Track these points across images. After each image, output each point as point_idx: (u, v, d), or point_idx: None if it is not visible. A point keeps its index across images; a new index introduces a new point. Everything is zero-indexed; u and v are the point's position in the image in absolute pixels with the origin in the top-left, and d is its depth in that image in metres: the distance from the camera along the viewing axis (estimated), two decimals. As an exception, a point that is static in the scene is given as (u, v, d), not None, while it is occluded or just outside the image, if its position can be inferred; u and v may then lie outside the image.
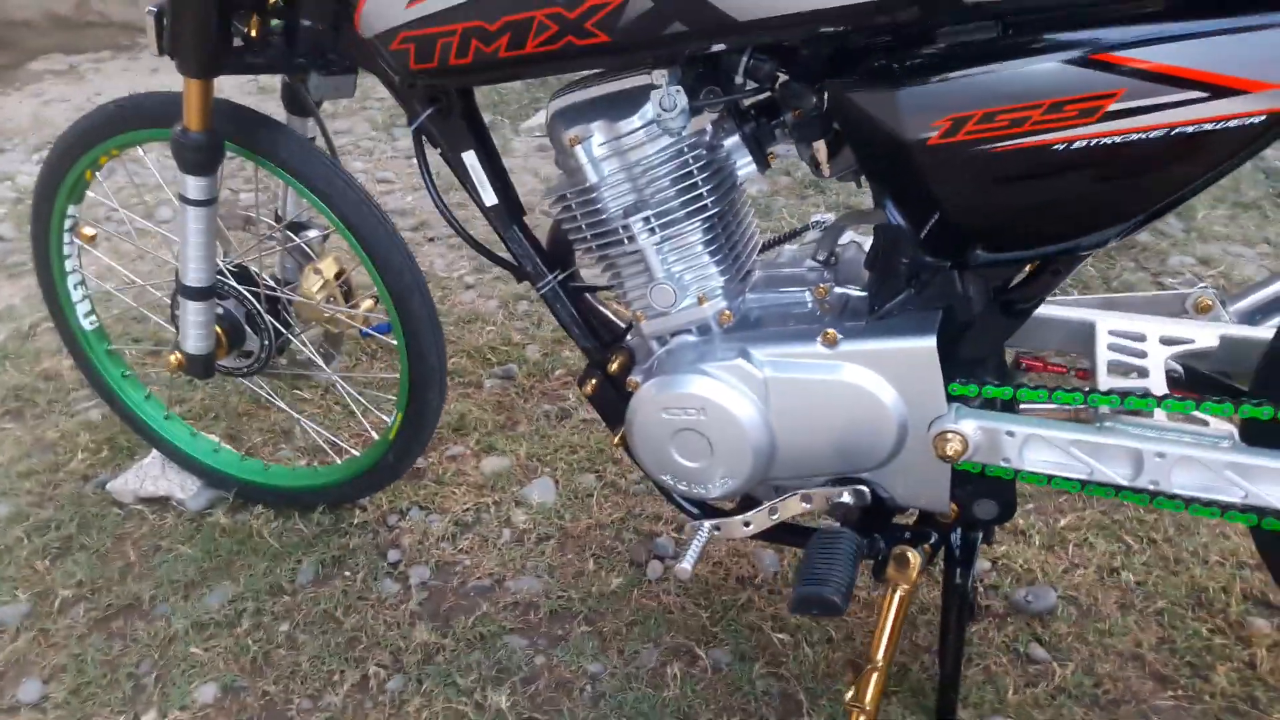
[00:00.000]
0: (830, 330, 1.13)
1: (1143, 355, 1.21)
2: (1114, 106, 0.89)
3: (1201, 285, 1.31)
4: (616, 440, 1.34)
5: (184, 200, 1.38)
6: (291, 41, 1.32)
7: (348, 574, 1.63)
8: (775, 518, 1.24)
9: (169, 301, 1.56)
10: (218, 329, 1.54)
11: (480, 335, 2.24)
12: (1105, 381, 1.16)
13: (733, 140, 1.19)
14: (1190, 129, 0.88)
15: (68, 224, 1.63)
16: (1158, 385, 1.15)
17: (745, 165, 1.20)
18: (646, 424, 1.21)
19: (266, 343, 1.59)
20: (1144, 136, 0.89)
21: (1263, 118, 0.86)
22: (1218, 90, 0.86)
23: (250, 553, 1.67)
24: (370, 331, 1.64)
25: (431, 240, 2.72)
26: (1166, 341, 1.23)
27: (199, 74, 1.29)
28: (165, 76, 4.04)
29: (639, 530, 1.69)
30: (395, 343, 1.52)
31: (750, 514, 1.25)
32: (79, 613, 1.58)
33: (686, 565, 1.21)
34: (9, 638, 1.54)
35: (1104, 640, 1.45)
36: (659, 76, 1.10)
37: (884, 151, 1.01)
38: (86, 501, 1.80)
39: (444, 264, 2.60)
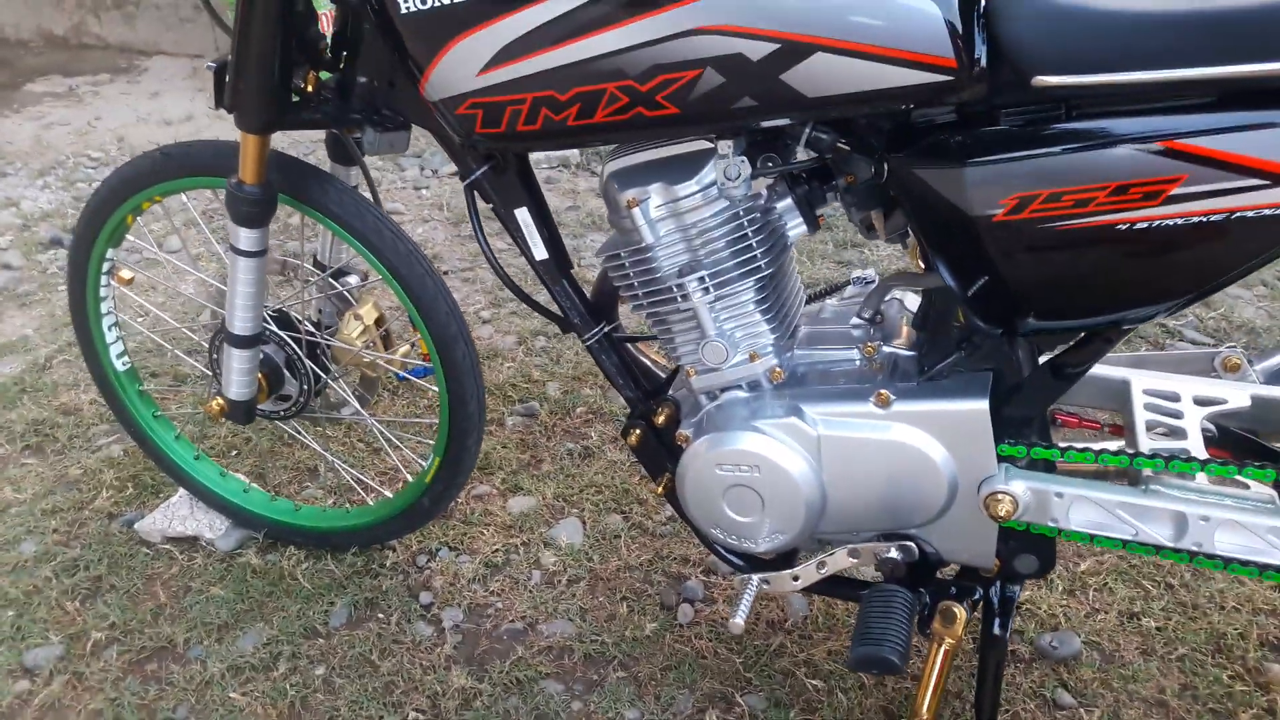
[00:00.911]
0: (884, 391, 1.16)
1: (1179, 416, 1.25)
2: (1177, 191, 0.93)
3: (1230, 345, 1.35)
4: (660, 490, 1.37)
5: (235, 251, 1.39)
6: (347, 96, 1.34)
7: (381, 616, 1.64)
8: (824, 572, 1.27)
9: (186, 332, 1.57)
10: (259, 375, 1.55)
11: (500, 372, 2.26)
12: (1145, 442, 1.20)
13: (785, 203, 1.22)
14: (1250, 214, 0.92)
15: (105, 267, 1.64)
16: (1197, 447, 1.19)
17: (796, 226, 1.24)
18: (699, 478, 1.24)
19: (305, 387, 1.60)
20: (1205, 220, 0.93)
21: (1320, 205, 0.91)
22: (1276, 179, 0.90)
23: (282, 594, 1.68)
24: (407, 375, 1.65)
25: (447, 274, 2.74)
26: (1200, 402, 1.27)
27: (259, 130, 1.31)
28: (167, 100, 4.05)
29: (667, 573, 1.72)
30: (434, 387, 1.54)
31: (799, 568, 1.28)
32: (112, 655, 1.58)
33: (739, 620, 1.24)
34: (43, 681, 1.54)
35: (1128, 686, 1.49)
36: (724, 147, 1.14)
37: (945, 224, 1.05)
38: (114, 541, 1.80)
39: (460, 297, 2.62)
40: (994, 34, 0.97)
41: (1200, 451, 1.19)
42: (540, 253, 1.35)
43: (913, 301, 1.32)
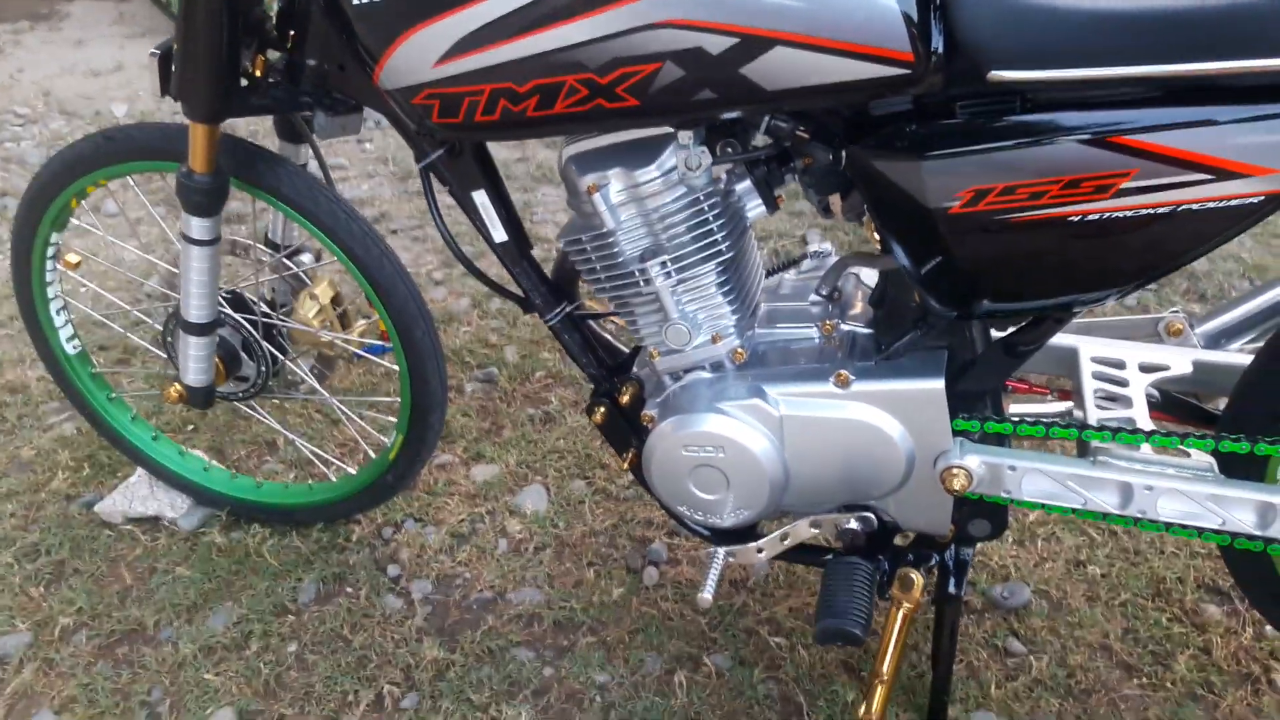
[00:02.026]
0: (843, 371, 1.19)
1: (1124, 384, 1.30)
2: (1127, 184, 0.96)
3: (1173, 310, 1.40)
4: (626, 465, 1.40)
5: (187, 240, 1.37)
6: (296, 80, 1.31)
7: (350, 590, 1.66)
8: (787, 543, 1.31)
9: (137, 313, 1.55)
10: (216, 359, 1.54)
11: (456, 336, 2.26)
12: (1094, 413, 1.25)
13: (744, 184, 1.23)
14: (1195, 206, 0.95)
15: (50, 252, 1.60)
16: (1141, 415, 1.24)
17: (755, 207, 1.25)
18: (665, 460, 1.26)
19: (263, 369, 1.59)
20: (1153, 212, 0.97)
21: (1261, 198, 0.94)
22: (1222, 173, 0.93)
23: (249, 572, 1.69)
24: (365, 354, 1.65)
25: (395, 233, 2.71)
26: (1145, 368, 1.32)
27: (208, 119, 1.28)
28: (93, 50, 3.90)
29: (632, 536, 1.75)
30: (394, 366, 1.54)
31: (763, 541, 1.32)
32: (82, 640, 1.58)
33: (707, 595, 1.28)
34: (14, 669, 1.54)
35: (1075, 633, 1.57)
36: (684, 136, 1.14)
37: (902, 212, 1.07)
38: (74, 523, 1.79)
39: (410, 258, 2.60)
40: (950, 27, 0.98)
41: (1145, 419, 1.24)
42: (499, 235, 1.34)
43: (870, 276, 1.35)
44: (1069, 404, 1.37)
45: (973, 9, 0.96)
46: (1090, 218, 0.98)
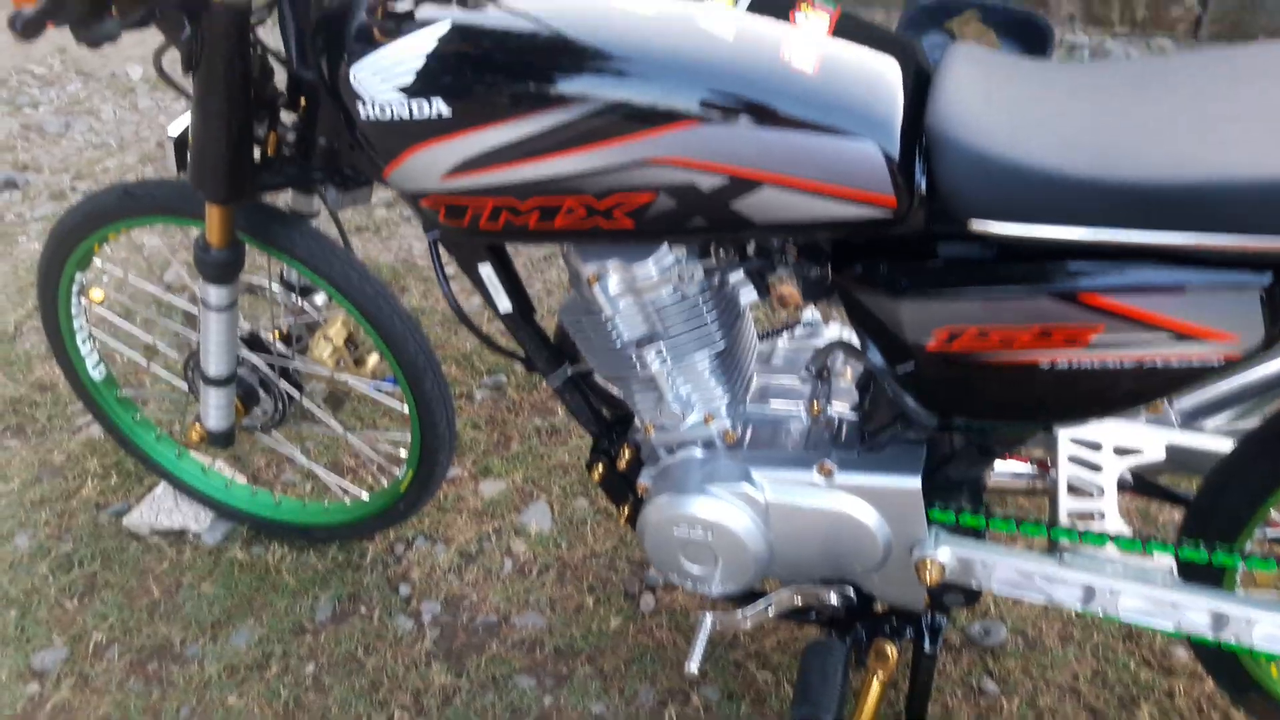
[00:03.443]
0: (826, 463, 1.25)
1: (1098, 469, 1.35)
2: (1095, 338, 1.00)
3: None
4: (623, 520, 1.47)
5: (206, 306, 1.43)
6: (308, 156, 1.35)
7: (363, 610, 1.77)
8: (771, 613, 1.39)
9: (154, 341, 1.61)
10: (235, 400, 1.61)
11: (467, 339, 2.32)
12: (1065, 501, 1.31)
13: (737, 275, 1.28)
14: (1158, 363, 1.00)
15: (75, 289, 1.66)
16: (1111, 506, 1.30)
17: (748, 294, 1.29)
18: (657, 534, 1.34)
19: (280, 405, 1.66)
20: (1118, 364, 1.01)
21: (1220, 361, 0.98)
22: (1185, 336, 0.97)
23: (269, 589, 1.79)
24: (378, 388, 1.71)
25: (409, 219, 2.75)
26: (1120, 451, 1.37)
27: (224, 202, 1.33)
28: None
29: (631, 559, 1.84)
30: (403, 405, 1.61)
31: (749, 610, 1.40)
32: (114, 656, 1.69)
33: (694, 666, 1.36)
34: (52, 684, 1.65)
35: (1046, 674, 1.65)
36: (678, 252, 1.18)
37: (882, 339, 1.12)
38: (104, 534, 1.89)
39: (422, 249, 2.65)
40: (933, 175, 1.01)
41: (1114, 511, 1.30)
42: (504, 305, 1.39)
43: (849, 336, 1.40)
44: (1044, 474, 1.43)
45: (955, 162, 0.99)
46: (1060, 365, 1.03)
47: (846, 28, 1.09)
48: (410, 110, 1.08)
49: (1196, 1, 3.16)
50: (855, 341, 1.33)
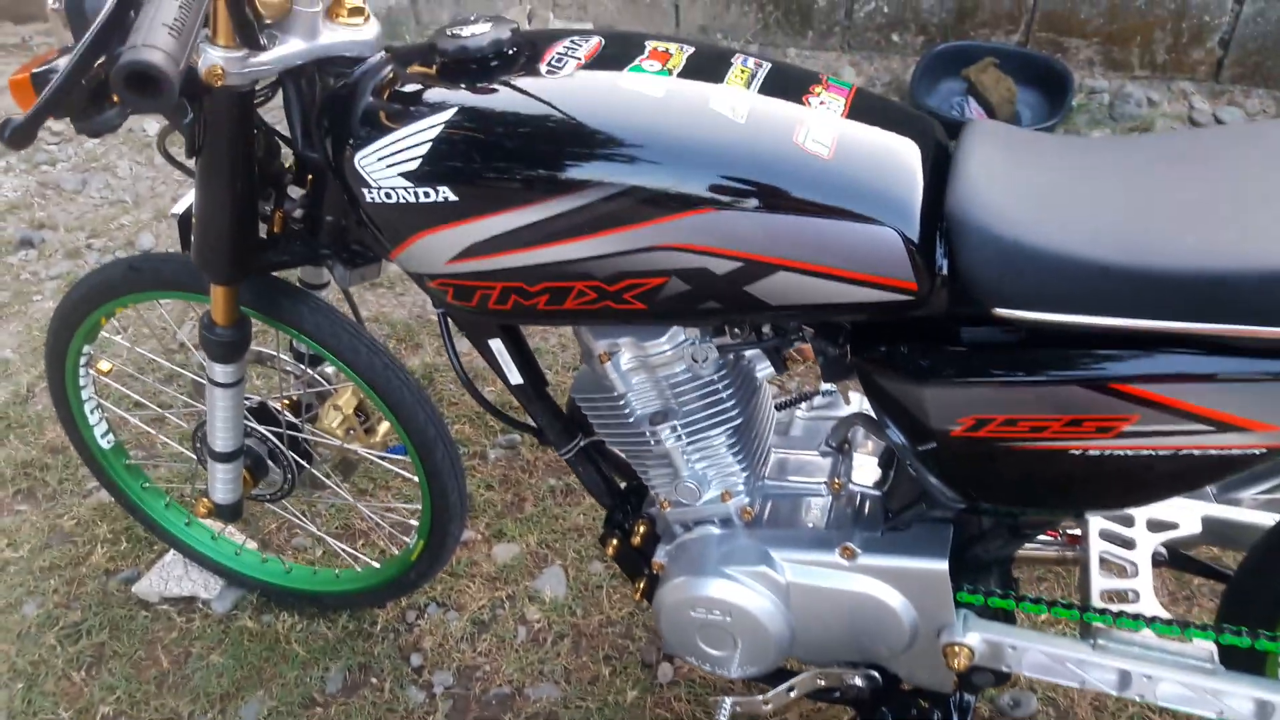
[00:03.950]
0: (849, 545, 1.21)
1: (1131, 545, 1.30)
2: (1129, 428, 0.96)
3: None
4: (638, 596, 1.43)
5: (212, 383, 1.41)
6: (315, 233, 1.33)
7: (374, 681, 1.73)
8: (793, 694, 1.35)
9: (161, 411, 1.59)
10: (243, 469, 1.58)
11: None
12: (1098, 581, 1.26)
13: (754, 351, 1.24)
14: (1196, 453, 0.96)
15: (83, 360, 1.65)
16: (1146, 585, 1.25)
17: (764, 369, 1.26)
18: (673, 616, 1.30)
19: (289, 476, 1.64)
20: (1153, 454, 0.97)
21: (1262, 450, 0.94)
22: (1224, 426, 0.93)
23: (279, 659, 1.76)
24: (388, 456, 1.69)
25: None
26: (1154, 526, 1.32)
27: (228, 282, 1.31)
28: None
29: (647, 626, 1.80)
30: (411, 471, 1.58)
31: (770, 694, 1.35)
32: (122, 731, 1.66)
33: (715, 755, 1.32)
34: (58, 763, 1.62)
35: (1079, 748, 1.60)
36: (691, 333, 1.15)
37: (905, 423, 1.08)
38: (113, 601, 1.86)
39: (424, 301, 2.62)
40: (955, 260, 0.98)
41: (1149, 590, 1.25)
42: (515, 378, 1.36)
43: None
44: (1075, 549, 1.38)
45: (978, 248, 0.96)
46: (1092, 453, 0.99)
47: (863, 107, 1.06)
48: (416, 197, 1.06)
49: (1218, 44, 3.13)
50: (876, 415, 1.29)
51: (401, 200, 1.07)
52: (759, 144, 0.99)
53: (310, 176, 1.31)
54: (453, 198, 1.05)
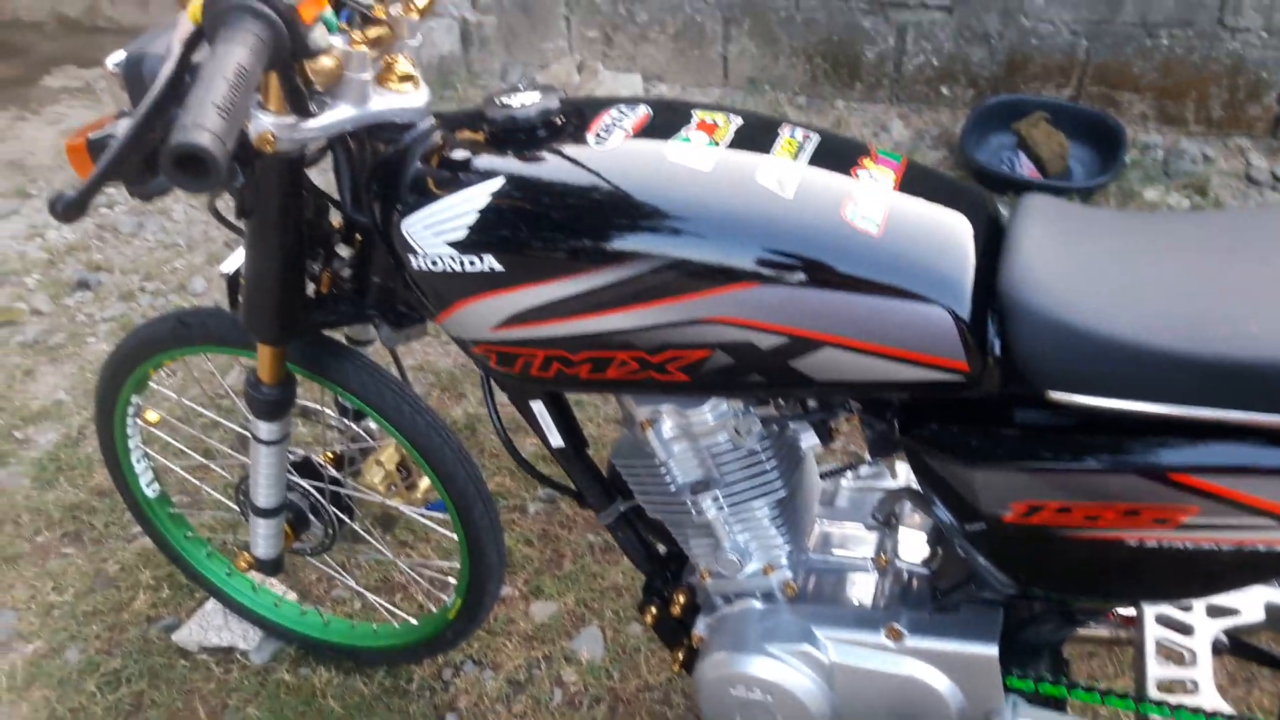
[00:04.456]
0: (895, 625, 1.18)
1: (1189, 631, 1.26)
2: (1189, 520, 0.93)
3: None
4: (677, 666, 1.40)
5: (256, 440, 1.41)
6: (362, 293, 1.33)
7: (410, 741, 1.71)
8: (834, 779, 1.31)
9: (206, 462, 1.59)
10: (285, 525, 1.58)
11: (521, 448, 2.27)
12: (1154, 669, 1.21)
13: (798, 421, 1.22)
14: (1261, 548, 0.92)
15: (131, 411, 1.66)
16: (1205, 675, 1.20)
17: (809, 440, 1.24)
18: (713, 693, 1.27)
19: (330, 530, 1.64)
20: (1215, 547, 0.93)
21: (1332, 547, 0.90)
22: (1289, 521, 0.90)
23: (315, 715, 1.75)
24: (428, 512, 1.68)
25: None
26: (1213, 612, 1.28)
27: (275, 343, 1.32)
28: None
29: (686, 693, 1.76)
30: (451, 529, 1.57)
31: (811, 774, 1.31)
32: (156, 785, 1.66)
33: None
34: (92, 815, 1.62)
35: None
36: (734, 404, 1.14)
37: (955, 504, 1.05)
38: (153, 649, 1.87)
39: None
40: (1008, 344, 0.95)
41: (1208, 680, 1.20)
42: (556, 440, 1.35)
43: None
44: (1129, 630, 1.33)
45: (1032, 330, 0.94)
46: (1150, 544, 0.96)
47: (913, 180, 1.04)
48: (462, 265, 1.06)
49: (1275, 100, 3.08)
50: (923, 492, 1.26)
51: (447, 268, 1.07)
52: (806, 219, 0.98)
53: (358, 237, 1.32)
54: (498, 267, 1.05)
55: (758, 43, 3.47)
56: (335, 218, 1.35)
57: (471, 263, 1.05)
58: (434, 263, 1.08)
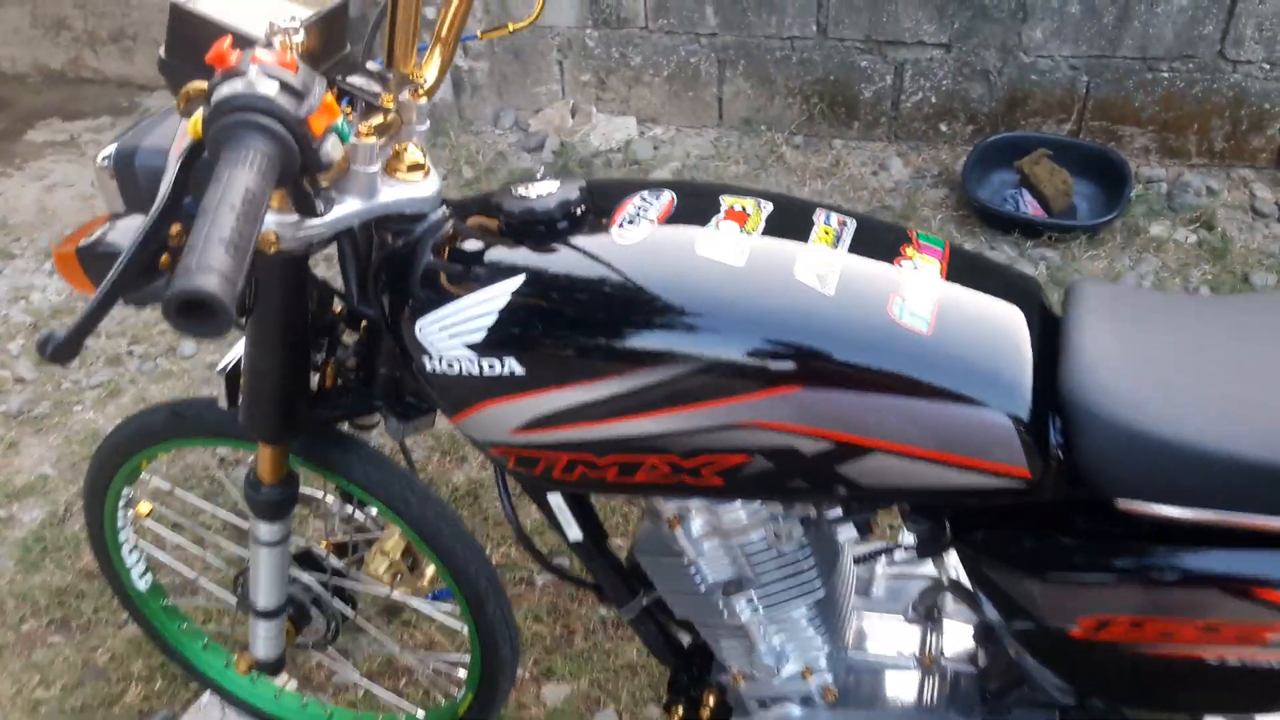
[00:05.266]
0: (944, 736, 1.11)
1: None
2: (1275, 637, 0.86)
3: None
4: (706, 769, 1.33)
5: (256, 541, 1.34)
6: (368, 384, 1.26)
7: (420, 841, 1.62)
8: None
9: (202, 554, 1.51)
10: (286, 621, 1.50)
11: (528, 516, 2.20)
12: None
13: (836, 513, 1.15)
14: (1354, 665, 0.85)
15: (122, 503, 1.58)
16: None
17: (847, 532, 1.17)
18: (751, 806, 1.19)
19: (333, 624, 1.56)
20: (1305, 666, 0.87)
21: None
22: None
23: (319, 815, 1.66)
24: (435, 600, 1.60)
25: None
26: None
27: (276, 441, 1.24)
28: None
29: (711, 782, 1.68)
30: (460, 620, 1.50)
31: None
32: None
33: None
34: None
35: None
36: (773, 507, 1.07)
37: (1015, 616, 0.98)
38: (147, 749, 1.78)
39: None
40: (1072, 448, 0.89)
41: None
42: (574, 534, 1.28)
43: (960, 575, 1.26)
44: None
45: (1100, 436, 0.87)
46: (1231, 663, 0.89)
47: (959, 269, 0.98)
48: (480, 368, 0.99)
49: (1278, 131, 3.04)
50: (968, 582, 1.19)
51: (465, 371, 1.00)
52: (850, 318, 0.91)
53: (364, 324, 1.25)
54: (519, 370, 0.98)
55: (753, 83, 3.42)
56: (338, 302, 1.28)
57: (491, 366, 0.98)
58: (450, 366, 1.01)
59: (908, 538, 1.35)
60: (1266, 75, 2.99)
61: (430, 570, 1.58)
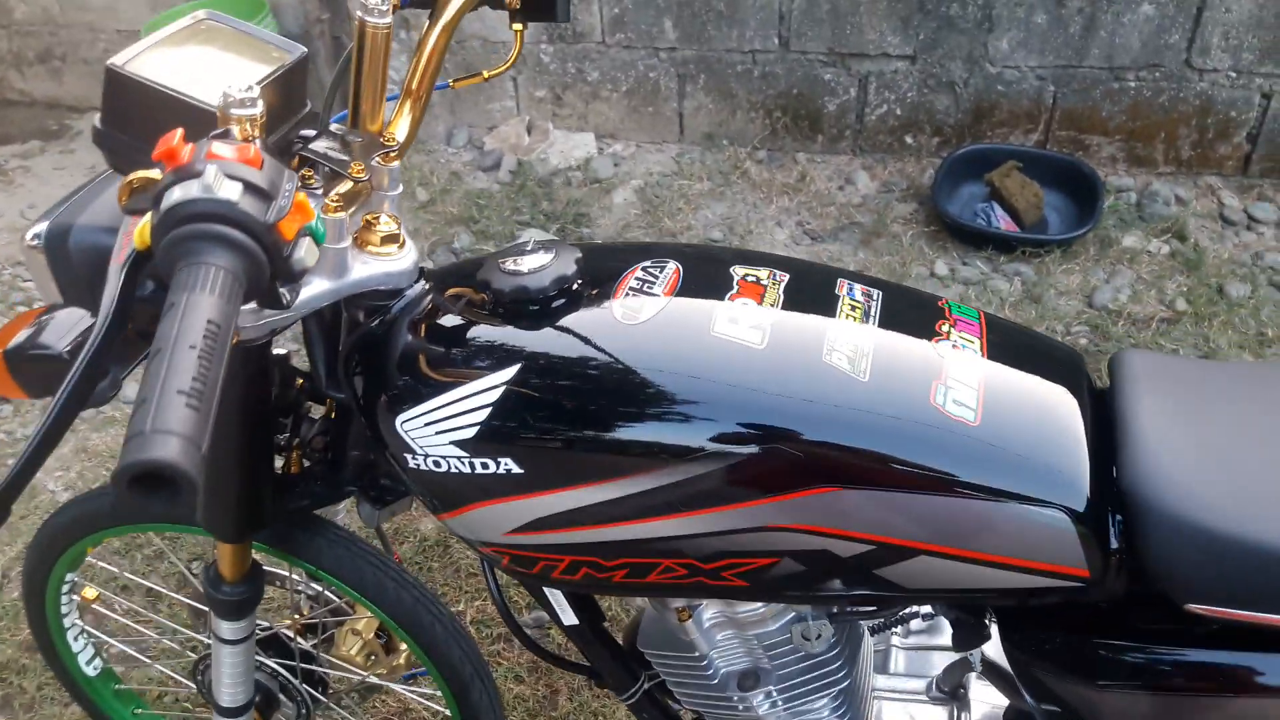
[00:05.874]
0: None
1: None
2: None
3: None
4: None
5: (219, 640, 1.21)
6: (338, 468, 1.15)
7: None
8: None
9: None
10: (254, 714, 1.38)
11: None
12: None
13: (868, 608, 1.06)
14: None
15: (66, 588, 1.45)
16: None
17: (874, 621, 1.08)
18: None
19: (303, 711, 1.44)
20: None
21: None
22: None
23: None
24: (413, 685, 1.49)
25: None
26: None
27: (236, 540, 1.12)
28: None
29: None
30: (442, 704, 1.39)
31: None
32: None
33: None
34: None
35: None
36: (802, 609, 0.97)
37: (1063, 713, 0.90)
38: (100, 846, 1.64)
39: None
40: (1139, 548, 0.80)
41: None
42: (569, 620, 1.18)
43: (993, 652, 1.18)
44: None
45: (1167, 535, 0.79)
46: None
47: (999, 345, 0.89)
48: (471, 468, 0.88)
49: (1245, 139, 3.02)
50: (1001, 661, 1.11)
51: (454, 469, 0.90)
52: (890, 410, 0.82)
53: (332, 403, 1.14)
54: (516, 470, 0.87)
55: (714, 98, 3.33)
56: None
57: (484, 465, 0.88)
58: (436, 464, 0.90)
59: (922, 610, 1.27)
60: (1233, 83, 2.97)
61: (405, 650, 1.47)
